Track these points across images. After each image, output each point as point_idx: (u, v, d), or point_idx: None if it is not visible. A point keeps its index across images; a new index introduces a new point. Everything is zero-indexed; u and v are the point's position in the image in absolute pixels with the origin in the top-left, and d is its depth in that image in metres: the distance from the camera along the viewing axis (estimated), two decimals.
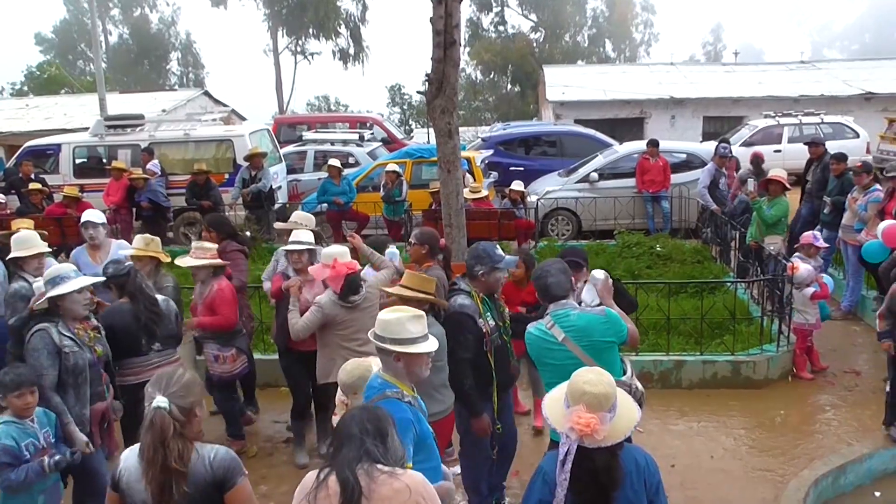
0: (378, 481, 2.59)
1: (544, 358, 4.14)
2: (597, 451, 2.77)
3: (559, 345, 4.03)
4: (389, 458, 2.66)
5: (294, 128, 21.86)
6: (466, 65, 43.72)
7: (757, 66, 29.24)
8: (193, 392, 2.89)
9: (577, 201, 12.68)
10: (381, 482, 2.59)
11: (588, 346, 4.02)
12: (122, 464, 2.92)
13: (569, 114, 23.35)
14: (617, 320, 4.12)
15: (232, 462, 2.90)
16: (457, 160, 8.06)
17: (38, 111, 26.47)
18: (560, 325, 4.07)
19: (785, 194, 8.74)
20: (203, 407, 2.94)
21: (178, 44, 49.52)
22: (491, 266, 4.71)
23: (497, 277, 4.77)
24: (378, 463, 2.63)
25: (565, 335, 4.02)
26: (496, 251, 4.80)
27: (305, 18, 42.90)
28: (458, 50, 7.90)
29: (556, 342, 4.04)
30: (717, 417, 6.64)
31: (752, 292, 8.79)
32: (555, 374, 3.87)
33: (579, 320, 4.08)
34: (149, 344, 5.05)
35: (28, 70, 38.72)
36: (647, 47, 50.11)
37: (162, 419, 2.76)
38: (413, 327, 3.44)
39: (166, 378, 2.88)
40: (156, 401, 2.80)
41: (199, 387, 2.97)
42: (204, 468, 2.84)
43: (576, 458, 2.78)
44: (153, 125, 14.49)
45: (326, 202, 12.36)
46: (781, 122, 17.33)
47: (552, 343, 4.06)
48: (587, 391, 2.80)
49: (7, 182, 13.38)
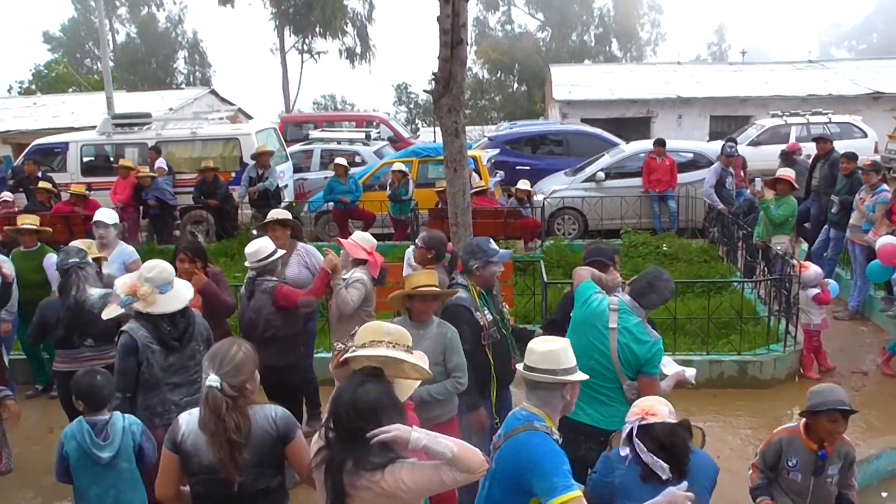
0: (358, 486, 2.66)
1: (584, 325, 4.18)
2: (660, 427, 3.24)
3: (606, 328, 4.07)
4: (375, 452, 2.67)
5: (300, 126, 21.91)
6: (473, 64, 43.69)
7: (764, 66, 29.11)
8: (245, 370, 3.07)
9: (583, 200, 12.67)
10: (361, 487, 2.66)
11: (623, 351, 4.09)
12: (184, 427, 3.09)
13: (575, 113, 23.31)
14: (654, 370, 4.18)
15: (290, 418, 3.18)
16: (463, 159, 8.06)
17: (45, 109, 26.56)
18: (620, 317, 4.11)
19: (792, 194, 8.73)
20: (256, 380, 3.14)
21: (185, 42, 49.57)
22: (485, 260, 4.80)
23: (492, 271, 4.84)
24: (366, 464, 2.65)
25: (619, 327, 4.08)
26: (490, 245, 4.89)
27: (312, 17, 42.84)
28: (465, 49, 7.89)
29: (606, 325, 4.08)
30: (724, 417, 6.63)
31: (759, 292, 8.76)
32: (580, 341, 3.94)
33: (636, 328, 4.14)
34: (80, 339, 5.30)
35: (36, 69, 38.84)
36: (654, 47, 50.03)
37: (214, 397, 2.98)
38: (569, 354, 3.22)
39: (220, 356, 3.06)
40: (209, 379, 3.00)
41: (252, 363, 3.12)
42: (269, 426, 3.11)
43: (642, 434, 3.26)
44: (160, 124, 14.55)
45: (333, 201, 12.39)
46: (789, 122, 17.26)
47: (603, 322, 4.11)
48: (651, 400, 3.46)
49: (15, 180, 13.43)
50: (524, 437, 3.01)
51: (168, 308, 4.39)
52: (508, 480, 3.01)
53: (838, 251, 9.44)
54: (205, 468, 3.05)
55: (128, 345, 4.31)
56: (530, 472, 2.91)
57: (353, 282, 5.54)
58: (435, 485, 2.67)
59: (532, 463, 2.92)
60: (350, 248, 5.65)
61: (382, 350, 2.89)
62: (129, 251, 6.98)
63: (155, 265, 4.50)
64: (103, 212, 7.04)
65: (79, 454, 3.84)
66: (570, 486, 2.83)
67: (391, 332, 3.01)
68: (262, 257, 5.47)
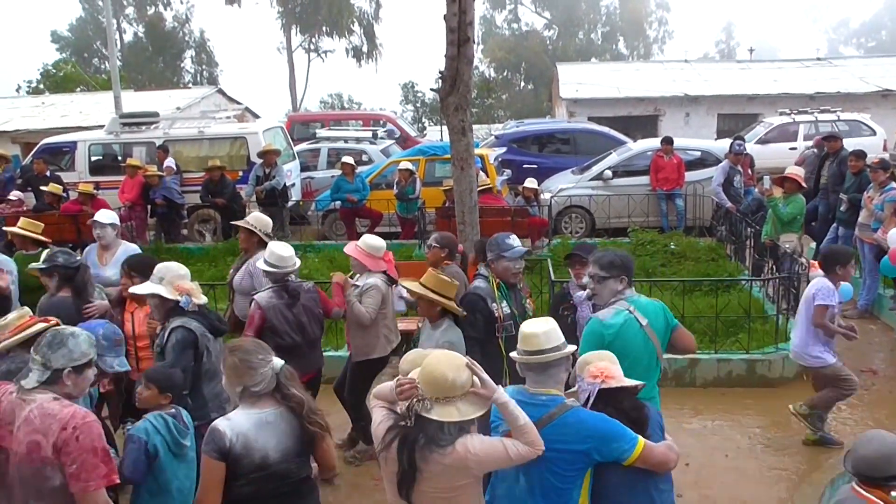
0: (429, 460, 2.85)
1: (629, 347, 3.91)
2: (621, 392, 3.19)
3: (641, 329, 3.99)
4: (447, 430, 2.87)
5: (307, 125, 21.93)
6: (479, 62, 43.71)
7: (772, 64, 28.97)
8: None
9: (590, 199, 12.64)
10: (431, 461, 2.85)
11: (659, 330, 4.07)
12: (229, 433, 3.13)
13: (582, 111, 23.24)
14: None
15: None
16: (470, 157, 8.06)
17: (54, 109, 26.64)
18: (638, 310, 4.05)
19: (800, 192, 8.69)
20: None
21: (193, 42, 49.68)
22: (498, 253, 4.88)
23: (504, 266, 4.89)
24: (439, 440, 2.85)
25: (648, 321, 4.02)
26: (507, 241, 4.94)
27: (319, 16, 42.98)
28: (472, 47, 7.89)
29: (639, 327, 3.99)
30: (732, 416, 6.61)
31: (768, 290, 8.73)
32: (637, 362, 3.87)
33: (650, 305, 4.13)
34: None
35: (44, 68, 38.96)
36: (661, 45, 49.94)
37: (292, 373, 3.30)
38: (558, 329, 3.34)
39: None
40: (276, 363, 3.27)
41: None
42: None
43: (604, 403, 3.16)
44: (168, 123, 14.59)
45: (340, 200, 12.40)
46: (797, 120, 17.17)
47: (637, 329, 3.98)
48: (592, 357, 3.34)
49: (24, 179, 13.49)
50: (572, 416, 3.09)
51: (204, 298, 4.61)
52: (569, 460, 3.04)
53: None
54: (255, 466, 3.13)
55: (187, 339, 4.37)
56: (599, 442, 3.03)
57: (368, 289, 5.56)
58: (501, 457, 2.88)
59: (597, 434, 3.05)
60: (364, 260, 5.61)
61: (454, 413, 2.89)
62: (132, 250, 6.72)
63: (167, 265, 4.65)
64: (101, 212, 6.95)
65: (165, 448, 3.76)
66: (635, 437, 3.07)
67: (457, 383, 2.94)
68: (293, 262, 5.39)
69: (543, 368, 3.17)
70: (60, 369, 3.09)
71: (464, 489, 2.92)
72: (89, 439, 2.97)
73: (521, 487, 3.14)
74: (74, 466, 2.94)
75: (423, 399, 2.87)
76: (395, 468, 2.90)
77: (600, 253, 4.24)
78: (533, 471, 3.07)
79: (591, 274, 4.13)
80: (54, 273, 5.32)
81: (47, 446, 2.93)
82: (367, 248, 5.66)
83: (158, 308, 4.57)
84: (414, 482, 2.87)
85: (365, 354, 5.65)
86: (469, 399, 2.91)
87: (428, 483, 2.87)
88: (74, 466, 2.94)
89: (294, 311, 5.24)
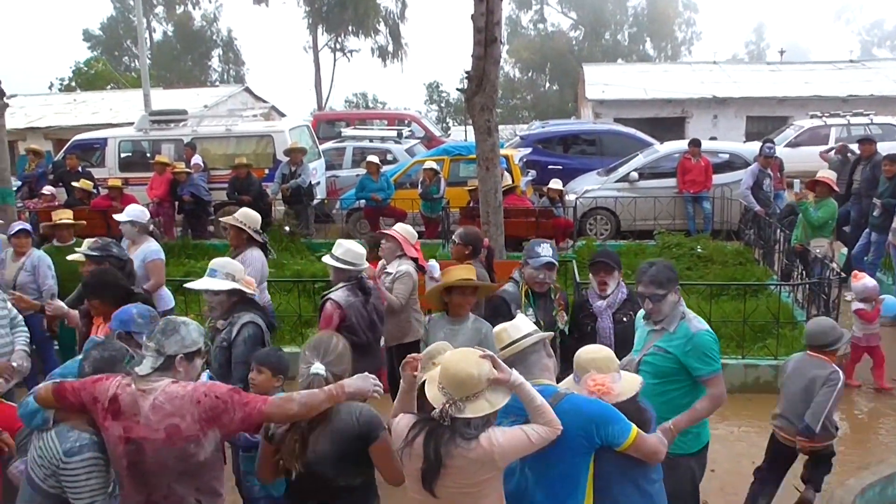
0: (454, 455, 2.84)
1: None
2: (621, 405, 3.13)
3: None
4: (473, 425, 2.86)
5: (333, 124, 22.03)
6: (505, 63, 43.53)
7: (803, 66, 28.58)
8: (345, 360, 3.29)
9: (616, 201, 12.55)
10: (456, 456, 2.84)
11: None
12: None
13: (608, 112, 23.11)
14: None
15: (376, 419, 3.23)
16: (496, 157, 8.04)
17: (85, 106, 27.02)
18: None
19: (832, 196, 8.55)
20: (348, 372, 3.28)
21: (220, 41, 50.08)
22: (524, 260, 4.89)
23: (530, 273, 4.86)
24: (464, 434, 2.84)
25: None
26: (536, 248, 4.86)
27: (345, 16, 43.09)
28: (499, 47, 7.88)
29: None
30: (759, 422, 6.50)
31: (797, 296, 8.59)
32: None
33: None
34: None
35: (76, 66, 39.46)
36: (689, 46, 49.48)
37: (320, 384, 3.16)
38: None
39: (324, 346, 3.29)
40: (314, 367, 3.20)
41: (349, 355, 3.33)
42: (351, 421, 3.18)
43: None
44: (196, 120, 14.72)
45: (364, 198, 12.43)
46: (829, 123, 16.93)
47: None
48: (593, 357, 3.27)
49: (56, 175, 13.68)
50: (567, 403, 3.07)
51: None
52: (572, 446, 3.03)
53: (880, 255, 9.22)
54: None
55: (257, 335, 4.44)
56: (596, 426, 3.03)
57: (401, 276, 5.68)
58: (523, 444, 2.89)
59: (594, 417, 3.05)
60: (405, 245, 5.79)
61: (486, 406, 2.90)
62: (151, 250, 6.61)
63: (227, 261, 4.76)
64: (128, 207, 6.95)
65: None
66: (630, 424, 3.07)
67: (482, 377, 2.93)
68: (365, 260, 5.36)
69: (522, 359, 3.20)
70: (173, 356, 3.13)
71: (487, 483, 2.92)
72: (221, 389, 3.10)
73: (529, 479, 3.15)
74: (236, 412, 3.05)
75: (454, 401, 2.87)
76: (418, 464, 2.90)
77: (652, 270, 4.03)
78: (538, 462, 3.07)
79: (649, 294, 3.98)
80: (105, 262, 5.36)
81: (188, 426, 3.00)
82: (404, 233, 5.88)
83: (223, 304, 4.56)
84: (438, 477, 2.86)
85: (397, 339, 5.77)
86: (492, 388, 2.93)
87: (452, 478, 2.87)
88: (236, 412, 3.05)
89: (367, 309, 5.21)
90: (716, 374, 3.94)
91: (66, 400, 3.12)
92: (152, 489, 3.07)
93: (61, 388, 3.16)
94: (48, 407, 3.23)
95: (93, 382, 3.15)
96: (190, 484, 3.08)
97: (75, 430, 3.19)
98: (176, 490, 3.07)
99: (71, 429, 3.19)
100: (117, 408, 3.04)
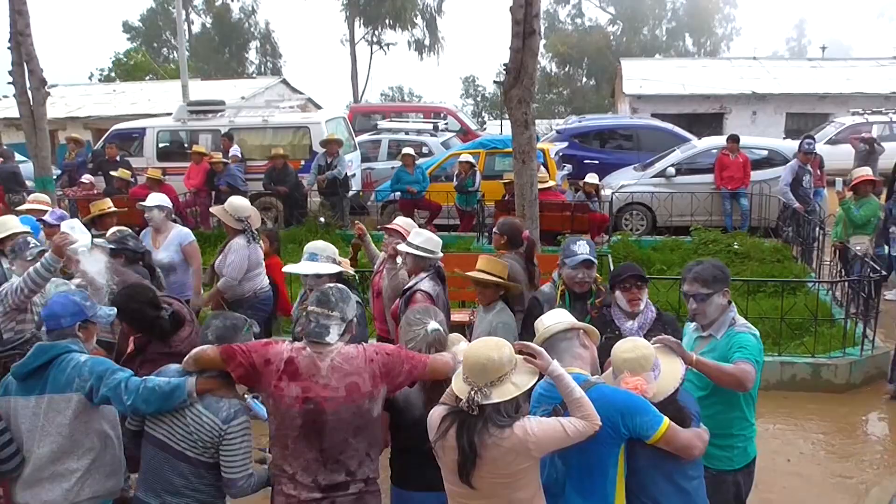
0: (488, 445, 2.85)
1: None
2: (659, 405, 3.05)
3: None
4: (504, 411, 2.88)
5: (369, 117, 22.13)
6: (542, 57, 43.26)
7: (845, 62, 27.98)
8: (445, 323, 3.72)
9: (652, 196, 12.45)
10: (490, 446, 2.85)
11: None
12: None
13: (646, 108, 22.88)
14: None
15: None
16: (532, 151, 8.02)
17: (124, 96, 27.44)
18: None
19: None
20: None
21: (258, 33, 50.52)
22: (561, 259, 4.60)
23: (567, 273, 4.54)
24: (498, 421, 2.86)
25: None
26: (572, 246, 4.57)
27: (382, 9, 43.26)
28: (538, 40, 7.85)
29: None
30: (795, 420, 6.44)
31: (836, 293, 8.46)
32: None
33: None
34: None
35: (115, 57, 40.19)
36: (728, 42, 48.67)
37: (440, 336, 3.55)
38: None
39: (432, 311, 3.75)
40: (432, 325, 3.57)
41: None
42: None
43: None
44: (233, 111, 14.86)
45: (400, 191, 12.48)
46: (870, 120, 16.59)
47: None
48: (626, 358, 3.14)
49: (95, 163, 13.94)
50: (596, 392, 3.02)
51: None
52: (600, 436, 2.95)
53: None
54: (416, 420, 3.34)
55: (361, 313, 4.58)
56: (626, 415, 2.98)
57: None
58: (559, 436, 2.87)
59: (622, 407, 3.00)
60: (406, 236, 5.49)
61: (512, 389, 2.90)
62: (184, 233, 6.89)
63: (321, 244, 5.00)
64: (151, 196, 7.20)
65: None
66: (661, 416, 3.02)
67: (503, 360, 2.93)
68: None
69: (552, 345, 3.20)
70: (352, 319, 3.38)
71: (524, 473, 2.92)
72: (389, 347, 3.42)
73: (559, 471, 3.13)
74: (404, 365, 3.32)
75: (479, 388, 2.87)
76: (453, 456, 2.91)
77: (698, 267, 3.79)
78: (565, 452, 3.04)
79: (693, 293, 3.74)
80: (121, 255, 5.49)
81: (365, 383, 3.23)
82: (406, 225, 5.69)
83: (318, 285, 4.59)
84: (474, 467, 2.87)
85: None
86: (519, 370, 2.94)
87: (488, 468, 2.87)
88: (404, 365, 3.32)
89: (446, 296, 5.29)
90: (750, 360, 3.63)
91: (236, 360, 3.24)
92: (328, 445, 3.24)
93: (230, 349, 3.27)
94: (213, 368, 3.30)
95: (263, 346, 3.30)
96: (363, 438, 3.28)
97: (223, 399, 3.32)
98: (351, 444, 3.25)
99: (220, 399, 3.32)
100: (294, 369, 3.21)
